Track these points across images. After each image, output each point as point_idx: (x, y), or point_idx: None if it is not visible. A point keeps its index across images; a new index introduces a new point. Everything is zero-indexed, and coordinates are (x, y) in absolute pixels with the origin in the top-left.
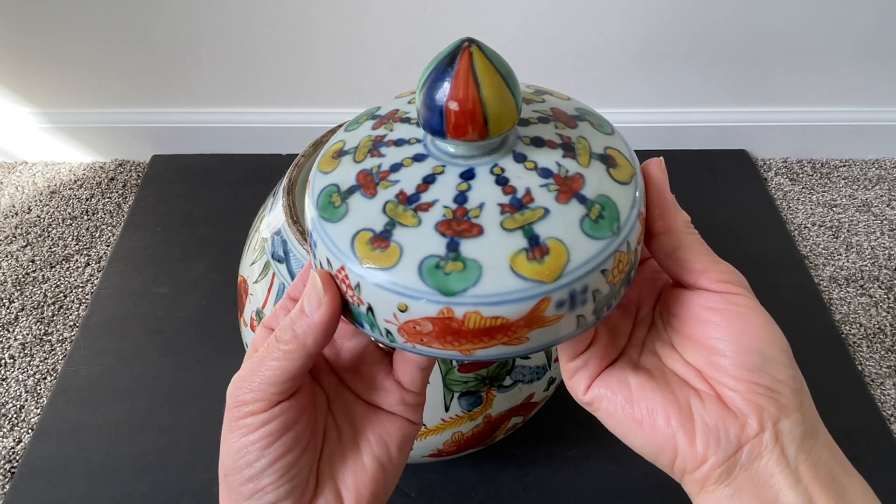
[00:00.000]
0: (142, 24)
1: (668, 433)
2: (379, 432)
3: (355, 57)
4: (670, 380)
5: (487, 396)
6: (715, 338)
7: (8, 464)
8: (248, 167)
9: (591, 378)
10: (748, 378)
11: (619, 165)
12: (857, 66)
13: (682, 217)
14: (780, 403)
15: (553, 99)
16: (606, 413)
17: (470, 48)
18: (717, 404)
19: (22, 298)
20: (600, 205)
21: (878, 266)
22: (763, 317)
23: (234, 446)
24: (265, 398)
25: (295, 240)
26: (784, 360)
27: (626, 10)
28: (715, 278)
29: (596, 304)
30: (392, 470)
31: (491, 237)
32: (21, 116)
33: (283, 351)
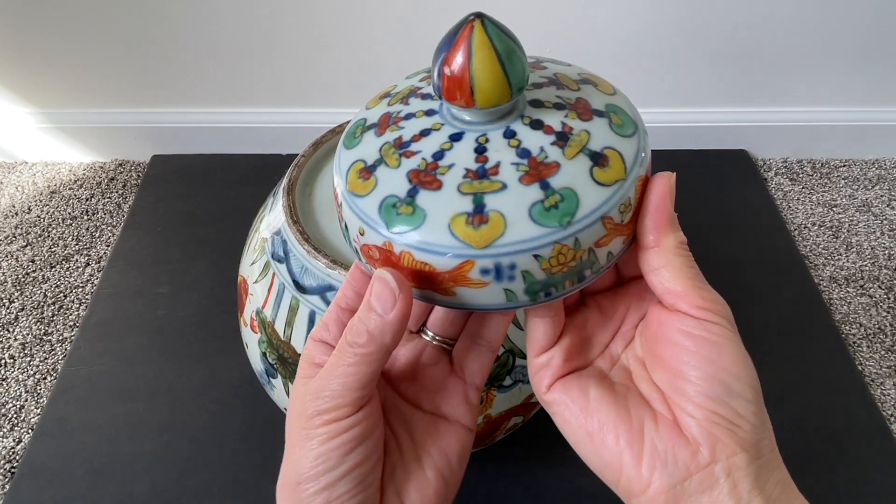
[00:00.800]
0: (142, 24)
1: (616, 450)
2: (440, 444)
3: (356, 57)
4: (631, 397)
5: (487, 396)
6: (683, 362)
7: (8, 464)
8: (248, 167)
9: (553, 378)
10: (708, 406)
11: (608, 167)
12: (857, 66)
13: (676, 237)
14: (737, 437)
15: (589, 89)
16: (562, 419)
17: (473, 22)
18: (671, 429)
19: (22, 298)
20: (560, 196)
21: (878, 266)
22: (736, 350)
23: (313, 454)
24: (349, 403)
25: (295, 240)
26: (749, 396)
27: (626, 10)
28: (694, 304)
29: (527, 286)
30: (453, 483)
31: (445, 194)
32: (21, 116)
33: (361, 354)
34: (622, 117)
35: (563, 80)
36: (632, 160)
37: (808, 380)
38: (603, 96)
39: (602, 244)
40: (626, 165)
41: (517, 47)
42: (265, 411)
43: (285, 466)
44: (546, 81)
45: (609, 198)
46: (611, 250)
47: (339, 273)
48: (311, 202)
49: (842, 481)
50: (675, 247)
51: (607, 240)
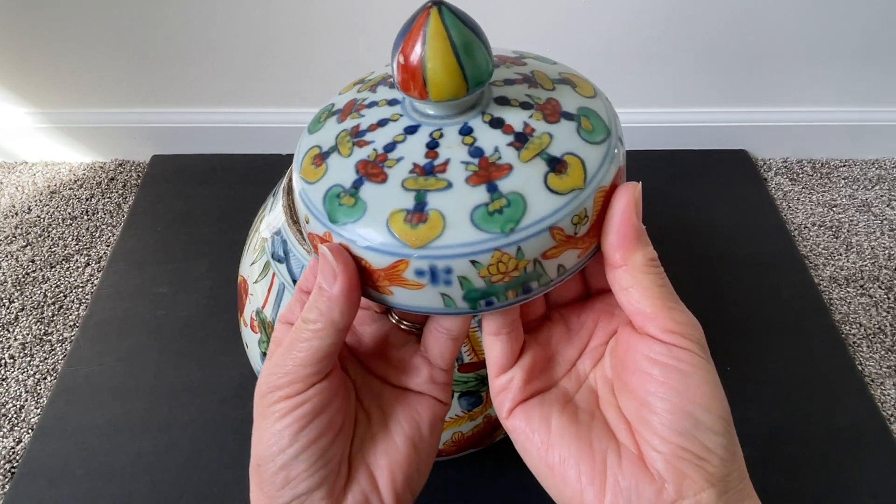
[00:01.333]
0: (142, 25)
1: (577, 488)
2: (409, 413)
3: (355, 57)
4: (595, 427)
5: (487, 396)
6: (649, 392)
7: (8, 464)
8: (248, 167)
9: (514, 402)
10: (675, 441)
11: (565, 174)
12: (857, 66)
13: (644, 253)
14: (705, 472)
15: (565, 90)
16: (523, 449)
17: (430, 10)
18: (636, 464)
19: (22, 298)
20: (507, 200)
21: (878, 266)
22: (705, 378)
23: (267, 433)
24: (300, 380)
25: (295, 240)
26: (718, 428)
27: (626, 10)
28: (663, 326)
29: (465, 292)
30: (424, 450)
31: (388, 188)
32: (21, 116)
33: (312, 331)
34: (594, 122)
35: (539, 77)
36: (595, 169)
37: (808, 380)
38: (578, 98)
39: (550, 256)
40: (587, 174)
41: (477, 39)
42: None
43: (252, 449)
44: (519, 78)
45: (561, 207)
46: (562, 263)
47: None
48: None
49: (842, 481)
50: (643, 264)
51: (556, 252)
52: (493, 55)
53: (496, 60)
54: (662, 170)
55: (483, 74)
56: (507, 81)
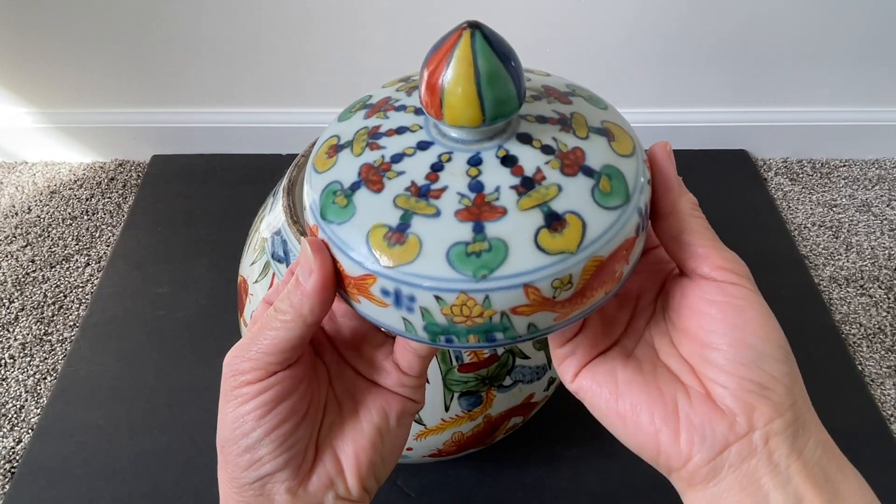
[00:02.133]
0: (142, 24)
1: (651, 430)
2: (379, 402)
3: (355, 57)
4: (660, 374)
5: (487, 396)
6: (709, 330)
7: (8, 464)
8: (248, 167)
9: (578, 366)
10: (740, 374)
11: (559, 233)
12: (857, 66)
13: (687, 199)
14: (772, 402)
15: (599, 142)
16: (592, 405)
17: (463, 31)
18: (705, 402)
19: (22, 298)
20: (489, 245)
21: (878, 266)
22: (760, 310)
23: (230, 416)
24: (262, 367)
25: (295, 240)
26: (779, 356)
27: (626, 10)
28: (716, 264)
29: (426, 324)
30: (391, 439)
31: (380, 200)
32: (21, 116)
33: (281, 321)
34: (615, 184)
35: (576, 121)
36: (595, 235)
37: (808, 380)
38: (609, 154)
39: (521, 313)
40: (584, 239)
41: (505, 71)
42: None
43: (218, 430)
44: (554, 118)
45: (543, 267)
46: (533, 322)
47: None
48: None
49: None
50: (689, 209)
51: (528, 310)
52: (524, 89)
53: (541, 91)
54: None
55: (504, 108)
56: (539, 119)
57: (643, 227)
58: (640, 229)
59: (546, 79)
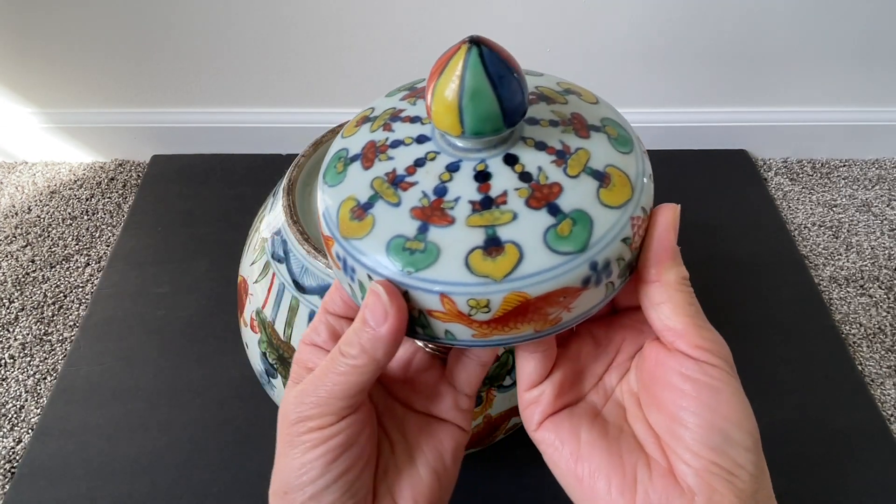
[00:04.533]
0: (142, 25)
1: (607, 500)
2: (432, 443)
3: (355, 57)
4: (624, 441)
5: (487, 396)
6: (681, 407)
7: (8, 464)
8: (248, 167)
9: (543, 415)
10: (706, 456)
11: (492, 258)
12: (857, 66)
13: (678, 272)
14: (735, 488)
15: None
16: (551, 461)
17: (459, 48)
18: (666, 477)
19: (22, 298)
20: (424, 246)
21: (878, 266)
22: (735, 395)
23: (296, 462)
24: (333, 412)
25: (295, 240)
26: (748, 444)
27: (627, 10)
28: (694, 343)
29: (362, 296)
30: (447, 480)
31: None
32: (21, 116)
33: (352, 365)
34: (577, 231)
35: (574, 160)
36: (527, 273)
37: (808, 380)
38: (591, 201)
39: (437, 318)
40: (512, 272)
41: (493, 91)
42: (265, 411)
43: (275, 474)
44: (554, 149)
45: (462, 284)
46: (450, 330)
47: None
48: (311, 202)
49: (842, 481)
50: (676, 282)
51: (444, 317)
52: (518, 110)
53: (564, 119)
54: (662, 170)
55: (485, 126)
56: (538, 145)
57: (598, 283)
58: (589, 283)
59: (576, 106)
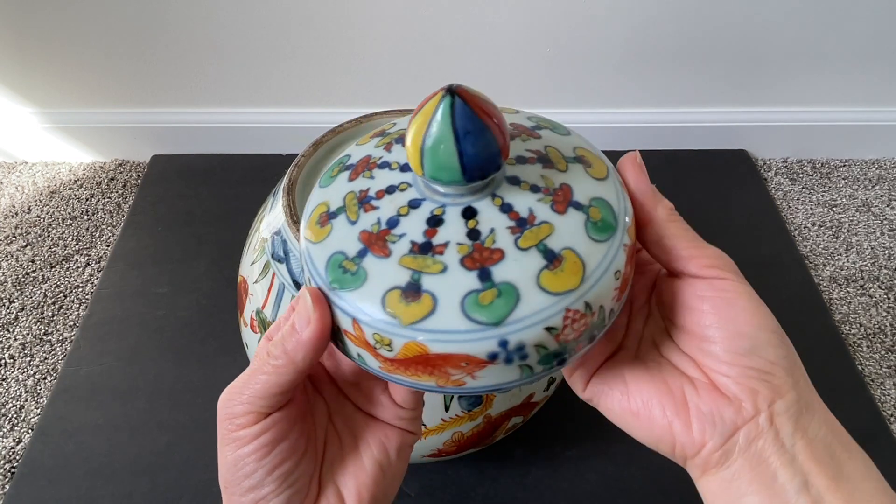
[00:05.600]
0: (142, 25)
1: (664, 423)
2: (378, 437)
3: (355, 57)
4: (665, 370)
5: (487, 396)
6: (705, 325)
7: (8, 464)
8: (248, 167)
9: (588, 375)
10: (739, 363)
11: (414, 301)
12: (857, 66)
13: (663, 205)
14: (773, 385)
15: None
16: (606, 408)
17: (435, 95)
18: (711, 391)
19: (22, 298)
20: (356, 269)
21: (878, 266)
22: (750, 300)
23: (230, 459)
24: (255, 410)
25: (295, 240)
26: (774, 341)
27: (627, 10)
28: (701, 263)
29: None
30: (391, 473)
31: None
32: (21, 116)
33: (273, 366)
34: (499, 301)
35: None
36: (435, 327)
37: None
38: (528, 277)
39: (350, 339)
40: (419, 321)
41: (455, 144)
42: None
43: (219, 471)
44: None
45: (371, 315)
46: (361, 355)
47: None
48: None
49: None
50: (666, 215)
51: (355, 340)
52: (480, 166)
53: (512, 131)
54: (662, 170)
55: (440, 174)
56: (519, 159)
57: (509, 361)
58: (497, 358)
59: (573, 176)
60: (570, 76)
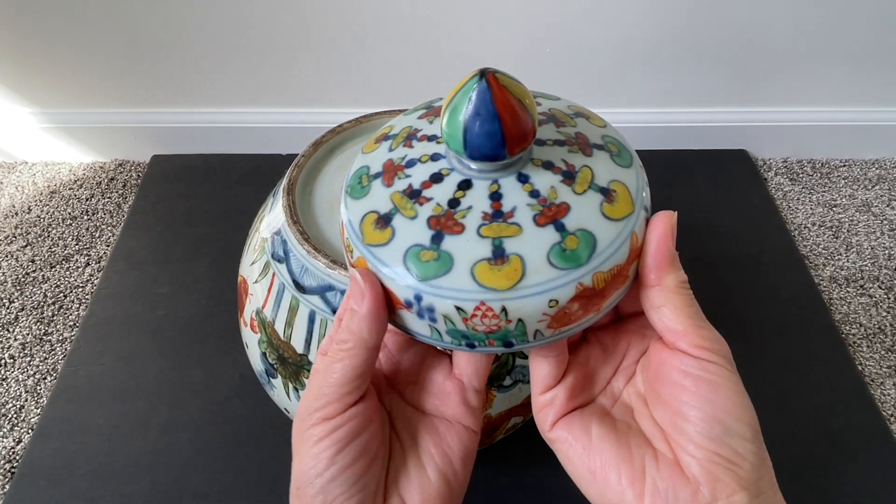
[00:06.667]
0: (142, 24)
1: (618, 490)
2: (441, 445)
3: (355, 57)
4: (632, 436)
5: (487, 396)
6: (683, 402)
7: (8, 464)
8: (248, 167)
9: (556, 416)
10: (708, 447)
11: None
12: (857, 66)
13: (677, 276)
14: (737, 476)
15: None
16: (565, 456)
17: (470, 77)
18: (672, 468)
19: (22, 298)
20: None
21: (878, 266)
22: (734, 389)
23: (306, 457)
24: (336, 400)
25: (295, 240)
26: (748, 436)
27: (627, 10)
28: (693, 343)
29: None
30: (457, 485)
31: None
32: (21, 116)
33: (344, 350)
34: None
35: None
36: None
37: (808, 380)
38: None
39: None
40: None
41: (477, 126)
42: (265, 411)
43: (292, 475)
44: (489, 214)
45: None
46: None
47: (339, 273)
48: (311, 202)
49: (841, 481)
50: (676, 286)
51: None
52: (501, 146)
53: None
54: (662, 170)
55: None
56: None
57: None
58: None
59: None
60: (571, 76)
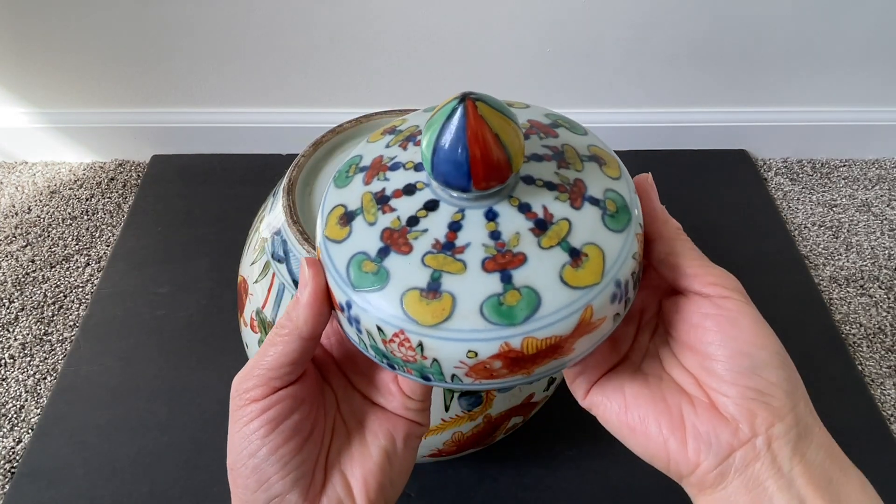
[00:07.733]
0: (142, 24)
1: (660, 440)
2: (385, 426)
3: (355, 57)
4: (665, 387)
5: (487, 396)
6: (708, 343)
7: (8, 464)
8: (248, 167)
9: (589, 383)
10: (740, 382)
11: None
12: (857, 66)
13: (672, 224)
14: (772, 407)
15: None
16: (604, 418)
17: (449, 103)
18: (709, 410)
19: (22, 298)
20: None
21: (878, 266)
22: (754, 320)
23: (237, 437)
24: (264, 383)
25: (295, 240)
26: (775, 363)
27: (627, 10)
28: (706, 281)
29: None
30: (398, 462)
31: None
32: (21, 116)
33: (280, 335)
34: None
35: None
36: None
37: (808, 380)
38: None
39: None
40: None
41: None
42: None
43: (228, 453)
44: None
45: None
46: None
47: None
48: (311, 202)
49: None
50: (674, 234)
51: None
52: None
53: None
54: (662, 170)
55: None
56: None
57: None
58: None
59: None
60: (571, 76)
